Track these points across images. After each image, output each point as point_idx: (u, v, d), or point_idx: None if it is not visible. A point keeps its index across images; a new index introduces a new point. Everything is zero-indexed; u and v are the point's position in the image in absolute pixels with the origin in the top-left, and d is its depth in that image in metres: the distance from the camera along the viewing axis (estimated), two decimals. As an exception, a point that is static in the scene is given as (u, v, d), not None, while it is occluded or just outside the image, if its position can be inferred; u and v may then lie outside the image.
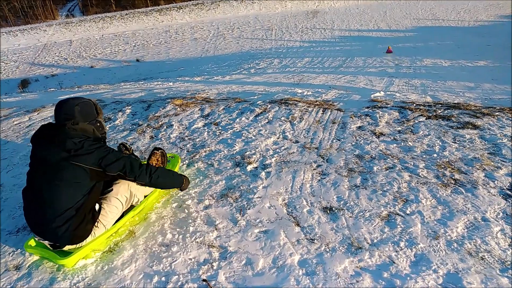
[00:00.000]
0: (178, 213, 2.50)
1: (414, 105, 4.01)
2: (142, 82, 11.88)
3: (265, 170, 2.87)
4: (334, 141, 3.26)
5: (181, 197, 2.65)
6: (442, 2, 31.52)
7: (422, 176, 2.61)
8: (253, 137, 3.44)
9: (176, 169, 2.84)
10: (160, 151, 2.77)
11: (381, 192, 2.49)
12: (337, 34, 23.03)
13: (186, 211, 2.50)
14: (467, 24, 23.17)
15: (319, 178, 2.72)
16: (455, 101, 4.42)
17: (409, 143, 3.09)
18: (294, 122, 3.71)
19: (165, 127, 3.90)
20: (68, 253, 2.06)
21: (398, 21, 25.71)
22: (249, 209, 2.45)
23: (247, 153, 3.16)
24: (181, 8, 36.09)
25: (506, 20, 23.17)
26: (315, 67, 13.46)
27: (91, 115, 2.17)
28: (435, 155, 2.87)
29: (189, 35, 28.21)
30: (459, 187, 2.45)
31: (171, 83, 9.72)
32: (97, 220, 2.16)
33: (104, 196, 2.26)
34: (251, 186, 2.68)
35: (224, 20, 32.29)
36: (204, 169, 2.99)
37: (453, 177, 2.56)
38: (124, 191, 2.32)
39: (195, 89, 6.75)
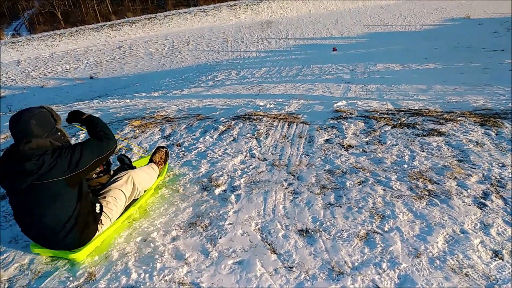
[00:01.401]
0: (143, 248, 2.27)
1: (378, 113, 4.01)
2: (97, 101, 11.37)
3: (234, 193, 2.71)
4: (303, 156, 3.16)
5: (146, 229, 2.43)
6: (389, 8, 32.84)
7: (395, 189, 2.55)
8: (219, 157, 3.27)
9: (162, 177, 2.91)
10: (164, 149, 2.98)
11: (357, 209, 2.40)
12: (292, 43, 23.32)
13: (152, 245, 2.28)
14: (413, 29, 24.19)
15: (291, 198, 2.59)
16: (415, 107, 4.48)
17: (379, 154, 3.05)
18: (260, 138, 3.58)
19: (123, 151, 3.65)
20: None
21: (349, 28, 26.45)
22: (220, 238, 2.27)
23: (214, 175, 2.99)
24: (134, 22, 35.25)
25: (450, 23, 24.47)
26: (273, 77, 13.50)
27: (49, 125, 1.98)
28: (405, 165, 2.83)
29: (143, 50, 27.59)
30: (434, 199, 2.41)
31: (128, 100, 9.34)
32: (100, 219, 2.16)
33: (108, 189, 2.29)
34: (221, 212, 2.51)
35: (179, 33, 31.90)
36: (168, 195, 2.78)
37: (427, 188, 2.52)
38: (128, 183, 2.36)
39: (154, 107, 6.48)
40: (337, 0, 35.59)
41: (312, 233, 2.23)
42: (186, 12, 36.13)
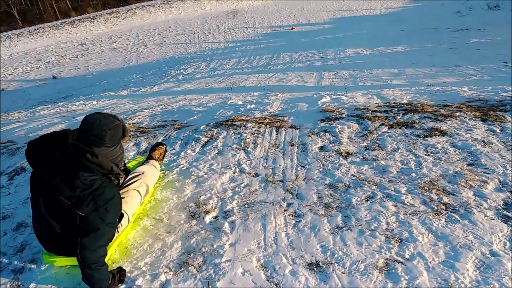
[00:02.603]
0: (127, 301, 1.93)
1: (370, 112, 3.75)
2: (62, 103, 10.68)
3: (227, 220, 2.38)
4: (299, 168, 2.86)
5: (129, 274, 2.07)
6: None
7: (408, 204, 2.29)
8: (205, 175, 2.91)
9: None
10: (164, 146, 3.03)
11: (369, 232, 2.12)
12: (259, 32, 22.89)
13: (138, 295, 1.95)
14: (378, 12, 24.28)
15: (293, 222, 2.29)
16: (404, 101, 4.26)
17: (381, 162, 2.78)
18: (248, 149, 3.25)
19: None
20: None
21: (316, 14, 26.24)
22: (218, 280, 1.95)
23: (202, 197, 2.65)
24: (95, 18, 33.75)
25: (413, 4, 24.72)
26: (244, 67, 13.17)
27: (118, 139, 1.98)
28: (413, 174, 2.58)
29: (107, 46, 26.48)
30: (453, 214, 2.17)
31: (95, 102, 8.79)
32: (117, 225, 2.10)
33: (125, 190, 2.29)
34: (215, 246, 2.17)
35: (143, 27, 30.82)
36: (152, 227, 2.42)
37: (442, 201, 2.27)
38: (142, 185, 2.40)
39: (124, 111, 6.02)
40: (301, -13, 35.24)
41: (324, 266, 1.94)
42: (149, 5, 34.93)
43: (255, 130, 3.60)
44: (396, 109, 3.76)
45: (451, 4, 21.35)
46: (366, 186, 2.52)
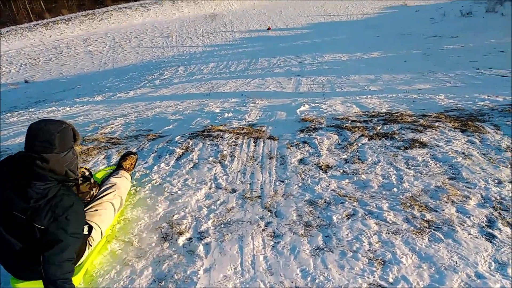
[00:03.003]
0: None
1: (349, 122, 3.68)
2: (33, 109, 10.31)
3: (202, 242, 2.23)
4: (277, 184, 2.74)
5: (94, 307, 1.90)
6: (332, -2, 33.25)
7: (390, 221, 2.21)
8: (179, 192, 2.76)
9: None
10: (136, 156, 2.91)
11: (351, 253, 2.02)
12: (238, 36, 22.84)
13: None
14: (355, 18, 24.63)
15: (272, 243, 2.17)
16: (383, 110, 4.22)
17: (362, 176, 2.70)
18: (225, 162, 3.11)
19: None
20: None
21: (293, 19, 26.39)
22: (192, 311, 1.81)
23: (175, 217, 2.49)
24: (70, 20, 32.89)
25: (389, 11, 25.22)
26: (222, 72, 13.08)
27: (69, 143, 1.83)
28: (395, 189, 2.50)
29: (82, 49, 25.84)
30: (436, 232, 2.09)
31: (67, 108, 8.48)
32: (88, 239, 2.02)
33: (99, 202, 2.21)
34: (188, 272, 2.02)
35: (120, 30, 30.25)
36: (120, 251, 2.25)
37: (425, 218, 2.20)
38: (116, 197, 2.32)
39: (97, 119, 5.78)
40: (280, -9, 35.44)
41: (305, 293, 1.83)
42: (126, 7, 34.36)
43: (233, 142, 3.47)
44: (375, 119, 3.71)
45: (426, 11, 21.89)
46: (347, 202, 2.42)
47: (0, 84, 18.89)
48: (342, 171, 2.80)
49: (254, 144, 3.39)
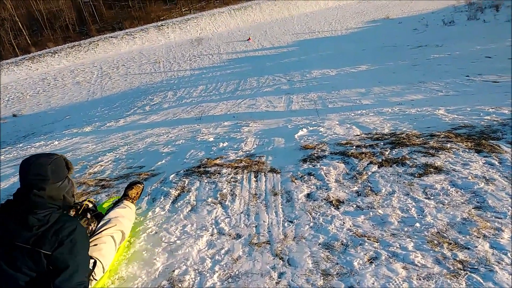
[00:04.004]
0: None
1: (354, 147, 3.47)
2: (21, 145, 10.02)
3: (209, 303, 1.97)
4: (286, 224, 2.49)
5: None
6: (314, 16, 33.74)
7: (419, 264, 1.96)
8: (178, 241, 2.49)
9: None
10: (142, 185, 2.88)
11: (381, 307, 1.77)
12: (225, 58, 22.91)
13: None
14: (340, 33, 24.93)
15: (289, 300, 1.90)
16: (386, 131, 4.03)
17: (378, 210, 2.46)
18: (226, 202, 2.85)
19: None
20: None
21: (279, 38, 26.62)
22: None
23: (176, 272, 2.21)
24: (56, 52, 32.76)
25: (372, 24, 25.60)
26: (212, 95, 12.98)
27: (63, 173, 1.88)
28: (417, 224, 2.26)
29: (70, 80, 25.73)
30: (473, 274, 1.85)
31: (56, 142, 8.22)
32: (91, 274, 1.95)
33: (98, 236, 2.16)
34: None
35: (107, 59, 30.25)
36: (117, 321, 1.97)
37: (458, 258, 1.96)
38: (117, 232, 2.27)
39: (86, 154, 5.52)
40: (263, 12, 35.92)
41: None
42: (112, 37, 34.45)
43: (232, 178, 3.22)
44: (381, 143, 3.50)
45: (408, 22, 22.22)
46: (366, 243, 2.18)
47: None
48: (355, 206, 2.56)
49: (255, 179, 3.15)
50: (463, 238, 2.09)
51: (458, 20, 18.77)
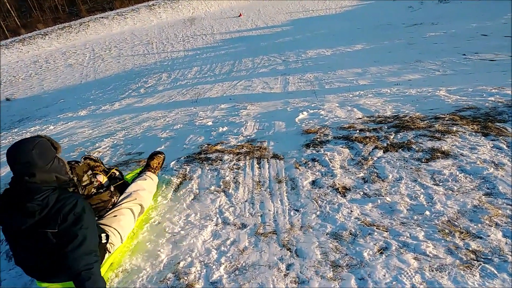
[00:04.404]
0: None
1: (358, 131, 3.40)
2: (16, 129, 9.84)
3: (217, 296, 1.92)
4: (292, 213, 2.43)
5: None
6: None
7: (431, 255, 1.92)
8: (182, 231, 2.43)
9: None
10: (163, 155, 3.00)
11: (395, 300, 1.73)
12: (218, 38, 22.50)
13: None
14: (334, 12, 24.52)
15: (299, 292, 1.86)
16: (388, 113, 3.96)
17: (386, 198, 2.41)
18: (230, 190, 2.79)
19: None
20: None
21: (273, 17, 26.15)
22: None
23: (181, 264, 2.16)
24: (47, 34, 31.96)
25: (366, 2, 25.17)
26: (207, 76, 12.78)
27: (51, 154, 1.86)
28: (427, 212, 2.22)
29: (62, 62, 25.20)
30: (487, 265, 1.81)
31: (51, 126, 8.06)
32: (107, 246, 2.08)
33: (118, 208, 2.29)
34: None
35: (98, 40, 29.59)
36: (122, 316, 1.92)
37: (470, 248, 1.92)
38: (136, 204, 2.40)
39: (83, 140, 5.42)
40: (256, -10, 35.20)
41: None
42: (102, 17, 33.64)
43: (234, 164, 3.15)
44: (385, 126, 3.43)
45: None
46: (376, 233, 2.13)
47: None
48: (362, 193, 2.51)
49: (258, 166, 3.08)
50: (475, 226, 2.06)
51: (452, -3, 18.52)
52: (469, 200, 2.25)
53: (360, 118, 3.90)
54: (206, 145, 3.75)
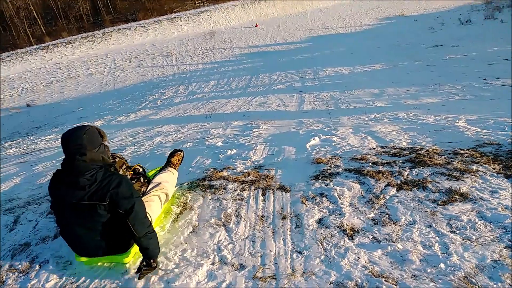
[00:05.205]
0: None
1: (370, 164, 3.22)
2: (32, 137, 9.98)
3: None
4: (295, 256, 2.26)
5: None
6: (328, 11, 33.20)
7: (446, 317, 1.73)
8: (176, 269, 2.27)
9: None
10: (183, 152, 3.23)
11: None
12: (237, 53, 22.62)
13: None
14: (353, 30, 24.43)
15: None
16: (404, 144, 3.77)
17: (398, 245, 2.22)
18: (230, 225, 2.64)
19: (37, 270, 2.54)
20: None
21: (292, 33, 26.23)
22: None
23: (172, 309, 2.01)
24: (70, 42, 32.75)
25: (387, 21, 25.00)
26: (223, 90, 12.76)
27: (98, 140, 2.18)
28: (442, 265, 2.02)
29: (83, 71, 25.74)
30: (508, 335, 1.61)
31: (67, 135, 8.07)
32: None
33: (148, 195, 2.58)
34: None
35: (120, 50, 30.17)
36: None
37: (490, 313, 1.72)
38: (162, 192, 2.67)
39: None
40: (276, 6, 35.48)
41: None
42: (125, 28, 34.34)
43: (238, 195, 3.00)
44: (400, 160, 3.24)
45: (424, 20, 21.66)
46: (384, 286, 1.94)
47: (0, 110, 18.72)
48: (371, 236, 2.32)
49: (262, 198, 2.92)
50: (494, 285, 1.85)
51: (475, 19, 18.20)
52: (488, 254, 2.04)
53: (374, 149, 3.72)
54: (211, 170, 3.63)
